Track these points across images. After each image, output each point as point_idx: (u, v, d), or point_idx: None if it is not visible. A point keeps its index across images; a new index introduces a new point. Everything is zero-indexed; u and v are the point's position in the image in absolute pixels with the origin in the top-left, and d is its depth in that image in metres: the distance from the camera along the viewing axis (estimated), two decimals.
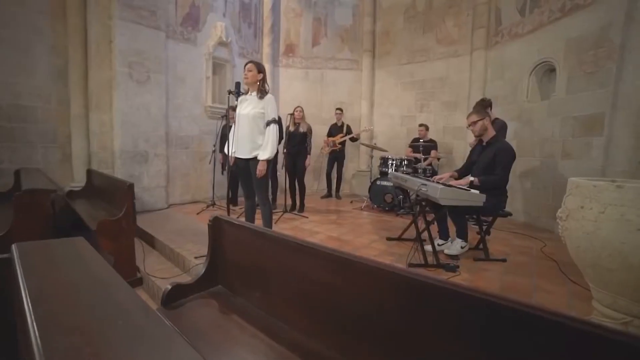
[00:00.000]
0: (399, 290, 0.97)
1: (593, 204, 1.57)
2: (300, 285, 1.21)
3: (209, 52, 4.83)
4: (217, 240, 1.51)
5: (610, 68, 3.43)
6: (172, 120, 4.52)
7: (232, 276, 1.47)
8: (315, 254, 1.19)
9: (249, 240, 1.41)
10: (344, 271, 1.12)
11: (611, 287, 1.58)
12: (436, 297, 0.88)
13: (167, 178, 4.45)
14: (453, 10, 5.45)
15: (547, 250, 3.28)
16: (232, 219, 1.48)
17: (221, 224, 1.49)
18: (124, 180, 2.63)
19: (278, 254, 1.31)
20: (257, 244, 1.38)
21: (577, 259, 1.72)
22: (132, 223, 2.54)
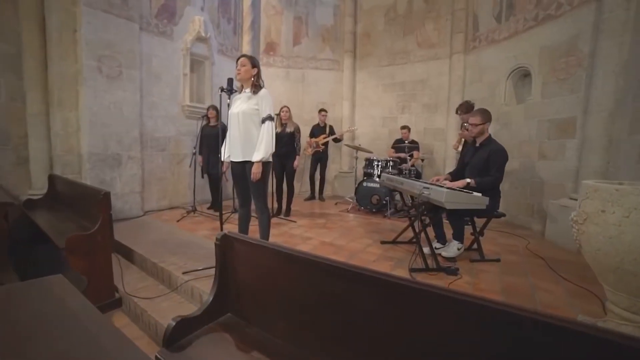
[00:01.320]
0: (463, 318, 0.82)
1: (615, 208, 1.54)
2: (337, 314, 1.03)
3: (187, 48, 4.43)
4: (226, 261, 1.27)
5: (580, 75, 3.58)
6: (147, 120, 4.09)
7: (246, 303, 1.25)
8: (350, 276, 1.01)
9: (266, 261, 1.20)
10: (391, 296, 0.95)
11: (632, 291, 1.56)
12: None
13: (142, 183, 4.02)
14: (432, 14, 5.49)
15: (532, 247, 3.35)
16: (243, 237, 1.26)
17: (231, 243, 1.26)
18: (97, 188, 2.27)
19: (304, 277, 1.11)
20: (275, 265, 1.18)
21: (595, 262, 1.69)
22: (109, 237, 2.20)
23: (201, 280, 2.22)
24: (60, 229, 2.41)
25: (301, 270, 1.14)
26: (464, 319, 0.82)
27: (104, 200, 2.15)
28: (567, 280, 2.56)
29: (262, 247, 1.21)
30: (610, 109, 3.23)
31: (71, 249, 2.00)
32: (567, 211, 3.43)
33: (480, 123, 2.86)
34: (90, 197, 2.30)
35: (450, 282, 2.44)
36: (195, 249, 2.87)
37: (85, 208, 2.39)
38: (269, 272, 1.20)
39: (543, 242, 3.62)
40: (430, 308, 0.88)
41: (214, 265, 2.31)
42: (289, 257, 1.17)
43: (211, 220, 3.97)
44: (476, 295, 0.83)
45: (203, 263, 2.54)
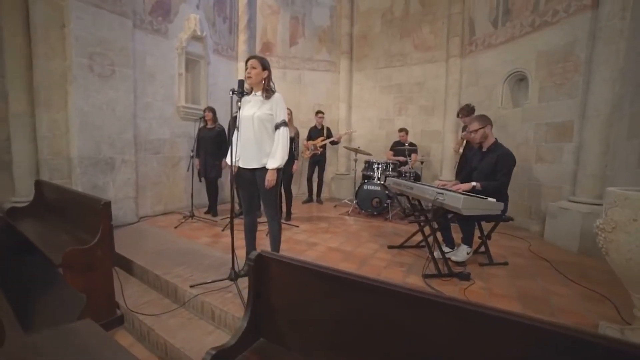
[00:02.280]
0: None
1: None
2: (387, 338, 0.93)
3: (182, 47, 4.22)
4: (261, 283, 1.15)
5: (577, 80, 3.63)
6: (141, 121, 3.86)
7: (282, 327, 1.12)
8: (400, 297, 0.91)
9: (305, 281, 1.08)
10: (443, 317, 0.86)
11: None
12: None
13: (137, 188, 3.79)
14: (429, 17, 5.48)
15: (534, 249, 3.36)
16: (279, 256, 1.14)
17: (267, 263, 1.13)
18: (96, 197, 2.07)
19: (347, 298, 1.01)
20: (316, 286, 1.07)
21: (625, 270, 1.65)
22: (110, 250, 2.01)
23: (211, 294, 2.07)
24: (53, 241, 2.19)
25: (345, 291, 1.03)
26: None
27: (104, 211, 1.96)
28: (575, 282, 2.56)
29: (301, 267, 1.09)
30: (607, 113, 3.27)
31: (69, 265, 1.81)
32: (566, 213, 3.48)
33: (478, 128, 2.84)
34: (87, 206, 2.10)
35: (465, 288, 2.39)
36: (199, 258, 2.70)
37: (81, 218, 2.19)
38: (308, 293, 1.08)
39: (543, 243, 3.65)
40: (493, 332, 0.80)
41: (224, 278, 2.19)
42: (331, 277, 1.06)
43: (210, 226, 3.79)
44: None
45: (210, 274, 2.39)
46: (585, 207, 3.32)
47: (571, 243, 3.39)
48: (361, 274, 1.08)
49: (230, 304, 1.96)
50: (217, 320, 1.93)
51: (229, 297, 2.05)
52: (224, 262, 2.66)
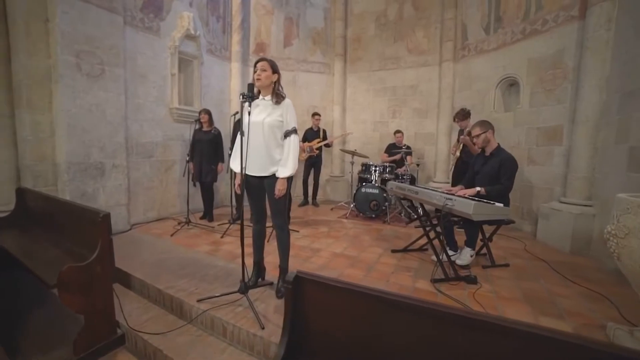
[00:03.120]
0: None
1: None
2: None
3: (175, 46, 4.01)
4: (298, 306, 1.05)
5: (566, 87, 3.73)
6: (133, 123, 3.63)
7: (322, 352, 1.03)
8: (448, 318, 0.85)
9: (347, 302, 1.00)
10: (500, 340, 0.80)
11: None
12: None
13: (128, 193, 3.56)
14: (422, 22, 5.50)
15: (530, 250, 3.42)
16: (320, 277, 1.04)
17: (304, 285, 1.04)
18: (93, 209, 1.89)
19: (394, 320, 0.93)
20: (361, 308, 0.98)
21: (637, 275, 1.67)
22: (110, 266, 1.84)
23: (221, 308, 1.94)
24: (39, 255, 2.00)
25: (386, 311, 0.96)
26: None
27: (104, 223, 1.79)
28: (574, 282, 2.61)
29: (340, 287, 1.01)
30: (595, 119, 3.37)
31: (65, 285, 1.64)
32: (558, 214, 3.56)
33: (480, 133, 2.86)
34: (83, 217, 1.92)
35: (474, 292, 2.38)
36: (202, 268, 2.55)
37: (75, 230, 2.00)
38: (348, 314, 1.00)
39: (537, 243, 3.72)
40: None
41: (234, 291, 2.06)
42: (371, 297, 0.98)
43: (208, 233, 3.62)
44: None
45: (216, 286, 2.25)
46: (576, 208, 3.41)
47: (563, 243, 3.47)
48: (402, 293, 1.01)
49: (243, 319, 1.84)
50: (229, 336, 1.81)
51: (240, 311, 1.93)
52: (228, 272, 2.53)
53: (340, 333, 1.03)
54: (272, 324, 1.80)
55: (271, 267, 2.49)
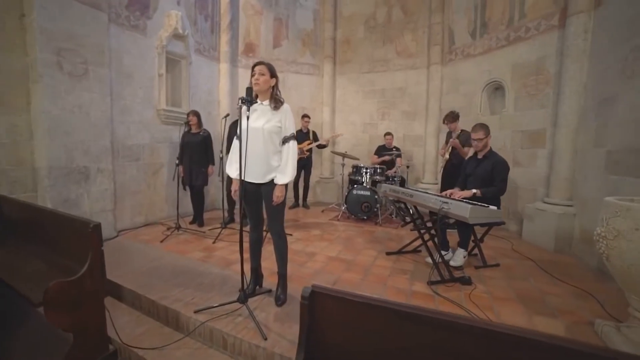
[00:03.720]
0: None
1: None
2: None
3: (162, 45, 3.85)
4: (315, 322, 1.01)
5: (548, 93, 3.87)
6: (119, 125, 3.46)
7: None
8: (486, 335, 0.84)
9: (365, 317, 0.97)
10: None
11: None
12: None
13: (115, 199, 3.39)
14: (410, 26, 5.56)
15: (517, 249, 3.52)
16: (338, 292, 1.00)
17: (322, 300, 1.00)
18: (82, 219, 1.77)
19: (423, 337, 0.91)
20: (383, 324, 0.96)
21: (625, 274, 1.74)
22: (101, 279, 1.73)
23: (220, 319, 1.87)
24: (25, 272, 1.85)
25: (408, 326, 0.94)
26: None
27: (95, 234, 1.68)
28: (561, 281, 2.70)
29: (361, 303, 0.98)
30: (575, 123, 3.51)
31: (52, 302, 1.52)
32: (542, 214, 3.69)
33: (484, 137, 2.90)
34: (70, 228, 1.79)
35: (470, 293, 2.41)
36: (196, 276, 2.46)
37: (61, 242, 1.87)
38: (367, 328, 0.97)
39: (522, 242, 3.83)
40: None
41: (232, 300, 1.99)
42: (394, 312, 0.95)
43: (199, 238, 3.51)
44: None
45: (213, 295, 2.18)
46: (559, 209, 3.54)
47: (547, 242, 3.59)
48: (423, 307, 0.99)
49: (244, 330, 1.78)
50: (230, 349, 1.75)
51: (240, 321, 1.87)
52: (224, 279, 2.45)
53: (357, 347, 1.00)
54: (274, 334, 1.75)
55: (268, 273, 2.44)
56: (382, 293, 2.39)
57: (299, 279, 2.55)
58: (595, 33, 3.32)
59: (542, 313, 2.18)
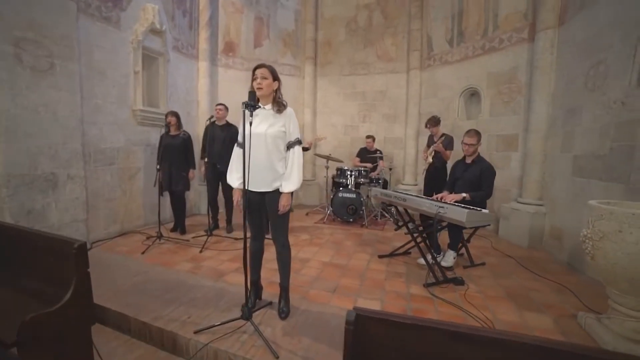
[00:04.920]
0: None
1: (633, 229, 1.71)
2: None
3: (138, 40, 3.52)
4: (360, 346, 0.94)
5: (520, 100, 4.12)
6: (90, 127, 3.10)
7: None
8: (533, 352, 0.82)
9: (413, 339, 0.92)
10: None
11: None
12: None
13: (87, 207, 3.03)
14: (390, 30, 5.63)
15: (497, 247, 3.70)
16: (379, 313, 0.94)
17: (365, 324, 0.93)
18: (64, 239, 1.53)
19: (468, 356, 0.88)
20: (427, 342, 0.91)
21: (608, 272, 1.85)
22: (88, 307, 1.51)
23: (224, 339, 1.73)
24: None
25: (471, 350, 0.89)
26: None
27: (80, 256, 1.46)
28: (540, 276, 2.87)
29: (413, 325, 0.92)
30: (545, 130, 3.76)
31: (28, 341, 1.29)
32: (517, 213, 3.91)
33: (476, 143, 2.99)
34: (49, 250, 1.55)
35: (464, 293, 2.48)
36: (189, 291, 2.27)
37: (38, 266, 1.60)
38: (422, 355, 0.92)
39: (499, 240, 4.04)
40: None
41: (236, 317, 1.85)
42: (454, 335, 0.90)
43: (184, 247, 3.27)
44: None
45: (209, 311, 2.01)
46: (532, 208, 3.78)
47: (522, 239, 3.82)
48: (474, 326, 0.95)
49: (252, 349, 1.66)
50: None
51: (246, 339, 1.74)
52: (218, 293, 2.29)
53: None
54: (286, 351, 1.65)
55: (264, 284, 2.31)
56: (383, 297, 2.37)
57: (296, 287, 2.46)
58: (560, 48, 3.58)
59: (530, 309, 2.29)
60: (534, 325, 2.10)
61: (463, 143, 3.02)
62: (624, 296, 1.87)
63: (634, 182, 2.51)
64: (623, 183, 2.60)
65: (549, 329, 2.06)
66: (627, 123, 2.60)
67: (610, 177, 2.75)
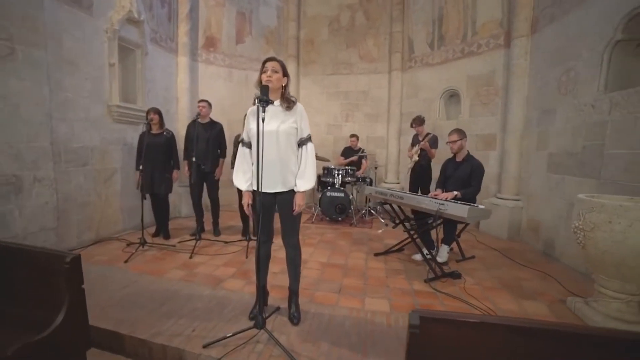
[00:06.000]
0: None
1: (621, 220, 1.84)
2: None
3: (114, 29, 3.17)
4: (422, 349, 0.87)
5: (497, 102, 4.35)
6: (60, 123, 2.72)
7: None
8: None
9: (481, 338, 0.87)
10: None
11: (626, 278, 1.91)
12: None
13: (57, 213, 2.66)
14: (372, 31, 5.68)
15: (481, 240, 3.86)
16: (443, 313, 0.88)
17: (430, 327, 0.86)
18: (55, 253, 1.29)
19: (538, 352, 0.85)
20: (495, 341, 0.87)
21: (599, 260, 1.98)
22: (83, 329, 1.30)
23: (238, 351, 1.58)
24: None
25: (545, 345, 0.86)
26: None
27: (73, 272, 1.24)
28: (524, 266, 3.02)
29: (479, 324, 0.87)
30: (521, 129, 3.99)
31: None
32: (497, 208, 4.11)
33: (457, 140, 3.07)
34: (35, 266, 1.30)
35: (464, 286, 2.53)
36: (187, 302, 2.07)
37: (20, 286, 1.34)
38: (485, 351, 0.88)
39: (481, 234, 4.21)
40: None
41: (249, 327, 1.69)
42: (509, 328, 0.88)
43: (171, 254, 3.01)
44: None
45: (215, 322, 1.85)
46: (510, 203, 3.99)
47: (501, 232, 4.03)
48: (535, 319, 0.93)
49: (270, 359, 1.53)
50: None
51: (261, 349, 1.61)
52: (221, 302, 2.11)
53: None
54: (306, 358, 1.56)
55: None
56: (389, 295, 2.34)
57: (301, 290, 2.29)
58: (533, 55, 3.81)
59: (525, 297, 2.39)
60: (532, 312, 2.19)
61: (447, 143, 3.11)
62: (610, 280, 2.01)
63: (604, 177, 2.72)
64: (595, 178, 2.81)
65: (546, 315, 2.16)
66: (597, 124, 2.82)
67: (582, 173, 2.97)
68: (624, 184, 2.50)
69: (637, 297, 1.96)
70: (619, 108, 2.65)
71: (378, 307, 2.15)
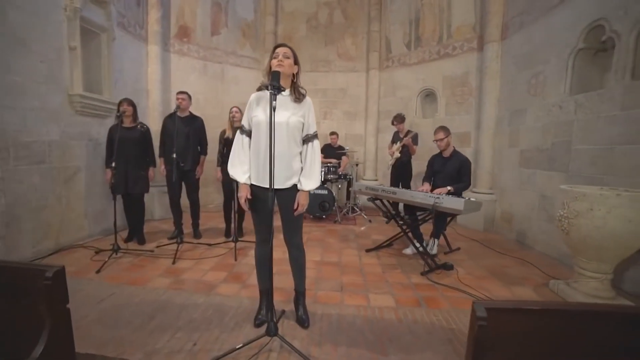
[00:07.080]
0: None
1: (601, 207, 1.99)
2: None
3: (74, 7, 2.73)
4: (490, 344, 0.81)
5: (471, 102, 4.57)
6: (8, 112, 2.27)
7: None
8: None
9: (548, 328, 0.83)
10: None
11: (602, 259, 2.09)
12: None
13: (6, 219, 2.22)
14: (351, 30, 5.67)
15: (462, 232, 4.01)
16: (511, 302, 0.83)
17: (499, 318, 0.80)
18: (30, 266, 1.03)
19: (591, 334, 0.84)
20: (555, 326, 0.84)
21: (581, 243, 2.12)
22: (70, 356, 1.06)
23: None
24: None
25: (607, 330, 0.84)
26: None
27: (57, 287, 1.00)
28: (504, 254, 3.19)
29: (544, 310, 0.83)
30: (493, 128, 4.23)
31: None
32: None
33: (444, 137, 3.14)
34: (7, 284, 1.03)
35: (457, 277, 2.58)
36: (181, 312, 1.84)
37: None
38: (547, 339, 0.84)
39: (460, 226, 4.37)
40: None
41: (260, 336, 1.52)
42: (561, 312, 0.85)
43: (151, 260, 2.68)
44: None
45: (218, 333, 1.66)
46: (485, 196, 4.21)
47: (477, 224, 4.24)
48: (600, 303, 0.92)
49: None
50: None
51: (276, 358, 1.47)
52: (219, 309, 1.92)
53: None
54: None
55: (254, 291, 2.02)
56: (391, 290, 2.31)
57: None
58: (504, 59, 4.06)
59: (513, 283, 2.50)
60: (522, 296, 2.30)
61: (434, 141, 3.17)
62: (589, 262, 2.17)
63: (572, 170, 2.96)
64: (563, 172, 3.05)
65: (534, 298, 2.27)
66: (564, 123, 3.06)
67: (552, 167, 3.21)
68: (590, 176, 2.72)
69: (610, 275, 2.15)
70: (583, 109, 2.89)
71: (383, 302, 2.10)
